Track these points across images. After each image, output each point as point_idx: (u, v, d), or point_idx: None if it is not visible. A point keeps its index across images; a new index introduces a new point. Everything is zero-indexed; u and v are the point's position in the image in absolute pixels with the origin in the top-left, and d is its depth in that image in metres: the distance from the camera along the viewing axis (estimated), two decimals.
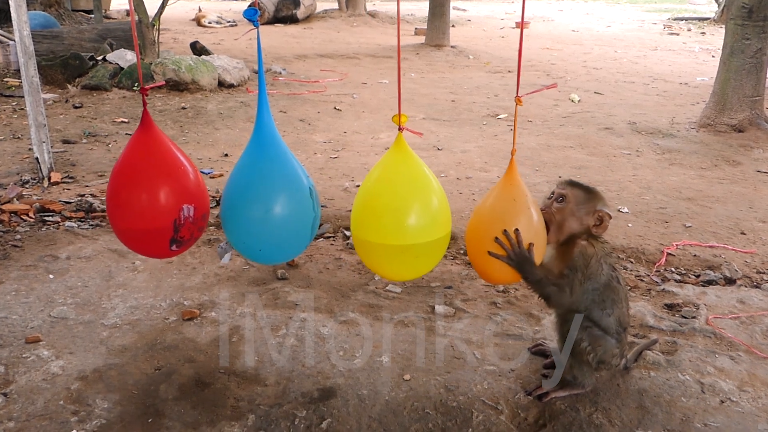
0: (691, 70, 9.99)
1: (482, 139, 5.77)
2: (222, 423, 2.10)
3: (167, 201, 2.02)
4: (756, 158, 5.36)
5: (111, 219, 2.10)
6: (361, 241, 2.06)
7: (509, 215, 2.00)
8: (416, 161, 2.04)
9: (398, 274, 2.18)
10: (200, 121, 6.14)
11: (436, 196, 2.02)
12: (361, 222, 2.05)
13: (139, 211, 2.01)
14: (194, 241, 2.18)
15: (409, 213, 1.96)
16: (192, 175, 2.10)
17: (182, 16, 15.27)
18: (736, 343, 2.61)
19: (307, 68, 9.22)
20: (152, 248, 2.12)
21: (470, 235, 2.12)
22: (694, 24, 16.44)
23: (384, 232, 1.97)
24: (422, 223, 1.97)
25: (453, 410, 2.17)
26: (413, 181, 2.01)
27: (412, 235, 1.96)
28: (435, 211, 2.01)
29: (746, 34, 5.81)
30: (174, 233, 2.05)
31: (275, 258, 2.20)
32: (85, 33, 8.64)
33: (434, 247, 2.03)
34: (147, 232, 2.03)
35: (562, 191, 2.15)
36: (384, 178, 2.02)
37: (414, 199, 1.99)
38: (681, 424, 2.13)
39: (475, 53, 11.09)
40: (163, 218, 2.02)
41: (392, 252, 1.99)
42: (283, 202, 2.02)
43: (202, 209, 2.12)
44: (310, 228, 2.11)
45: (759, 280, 3.22)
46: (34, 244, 3.34)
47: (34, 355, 2.42)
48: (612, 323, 2.16)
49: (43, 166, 4.29)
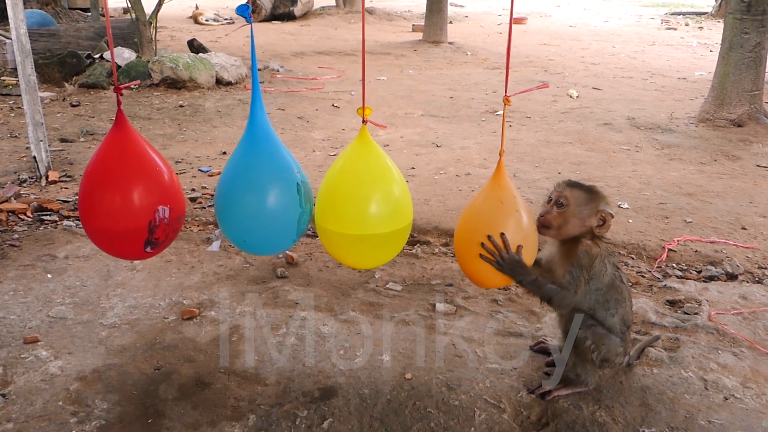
0: (689, 64, 9.98)
1: (481, 136, 5.75)
2: (222, 423, 2.09)
3: (142, 202, 1.99)
4: (755, 153, 5.35)
5: (83, 220, 2.06)
6: (324, 229, 2.10)
7: (496, 218, 1.98)
8: (379, 153, 2.07)
9: (359, 263, 2.22)
10: (198, 119, 6.11)
11: (398, 187, 2.05)
12: (324, 211, 2.08)
13: (113, 211, 1.98)
14: (169, 243, 2.15)
15: (369, 203, 1.99)
16: (167, 176, 2.07)
17: (179, 14, 15.21)
18: (739, 339, 2.59)
19: (305, 65, 9.19)
20: (126, 250, 2.09)
21: (459, 241, 2.10)
22: (691, 19, 16.42)
23: (345, 222, 2.01)
24: (383, 214, 2.00)
25: (455, 409, 2.16)
26: (375, 172, 2.03)
27: (373, 225, 1.99)
28: (396, 202, 2.03)
29: (745, 28, 5.79)
30: (149, 235, 2.02)
31: (260, 250, 2.24)
32: (82, 31, 8.59)
33: (394, 237, 2.06)
34: (121, 234, 2.00)
35: (562, 194, 2.08)
36: (346, 169, 2.05)
37: (375, 189, 2.01)
38: (685, 421, 2.12)
39: (473, 50, 11.07)
40: (137, 219, 1.99)
41: (353, 241, 2.03)
42: (267, 195, 2.03)
43: (177, 210, 2.09)
44: (296, 223, 2.11)
45: (761, 275, 3.21)
46: (31, 244, 3.32)
47: (33, 355, 2.40)
48: (616, 323, 2.14)
49: (40, 164, 4.26)
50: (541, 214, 2.10)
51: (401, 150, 5.24)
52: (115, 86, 2.05)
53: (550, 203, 2.11)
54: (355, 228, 2.00)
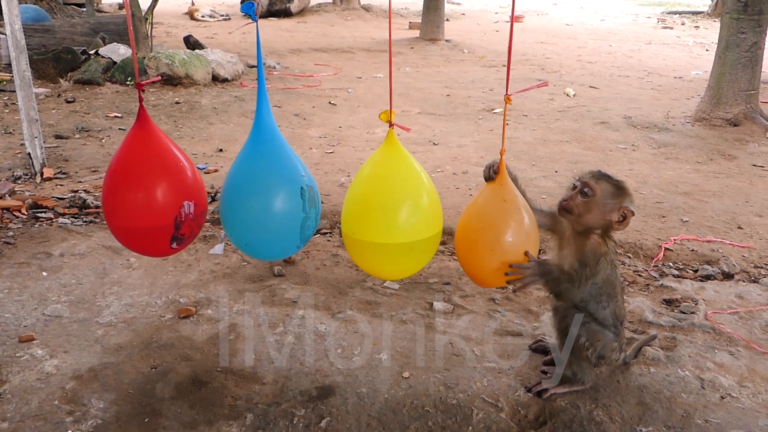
0: (686, 63, 9.99)
1: (478, 134, 5.74)
2: (220, 422, 2.08)
3: (168, 198, 2.00)
4: (751, 152, 5.36)
5: (108, 218, 2.06)
6: (353, 240, 2.04)
7: (501, 218, 1.98)
8: (407, 158, 2.03)
9: (391, 273, 2.16)
10: (194, 115, 6.09)
11: (428, 194, 2.01)
12: (353, 220, 2.03)
13: (139, 209, 1.98)
14: (193, 238, 2.16)
15: (399, 211, 1.95)
16: (190, 172, 2.08)
17: (175, 10, 15.15)
18: (736, 339, 2.60)
19: (302, 62, 9.16)
20: (152, 247, 2.10)
21: (461, 240, 2.08)
22: (687, 18, 16.44)
23: (375, 231, 1.96)
24: (413, 222, 1.95)
25: (453, 408, 2.16)
26: (405, 179, 1.99)
27: (404, 233, 1.95)
28: (426, 209, 1.99)
29: (741, 27, 5.79)
30: (175, 231, 2.03)
31: (262, 254, 2.21)
32: (78, 27, 8.54)
33: (427, 245, 2.02)
34: (148, 231, 2.01)
35: (588, 183, 2.08)
36: (375, 176, 2.01)
37: (405, 197, 1.97)
38: (682, 420, 2.12)
39: (470, 47, 11.05)
40: (164, 216, 2.00)
41: (384, 250, 1.97)
42: (270, 200, 2.01)
43: (201, 206, 2.11)
44: (299, 228, 2.07)
45: (757, 274, 3.22)
46: (26, 241, 3.30)
47: (28, 354, 2.39)
48: (608, 315, 2.15)
49: (35, 161, 4.24)
50: (564, 199, 2.09)
51: None
52: (137, 83, 2.05)
53: (575, 190, 2.09)
54: (387, 237, 1.94)
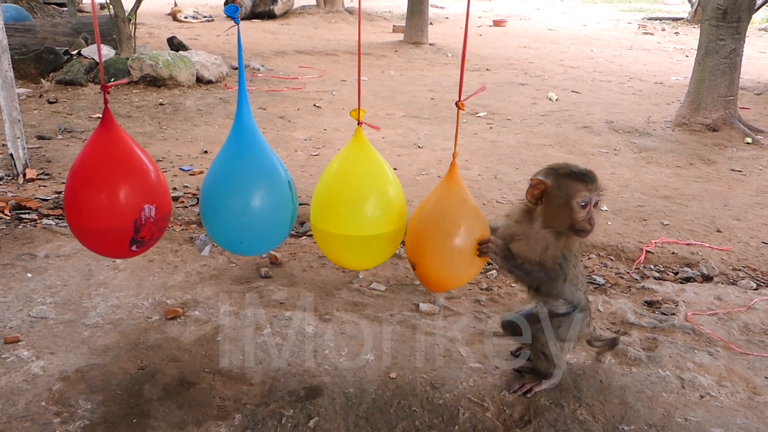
0: (666, 69, 10.15)
1: (462, 137, 5.79)
2: (208, 423, 2.09)
3: (128, 200, 1.98)
4: (730, 157, 5.47)
5: (69, 218, 2.05)
6: (319, 230, 2.12)
7: (463, 216, 2.01)
8: (374, 154, 2.10)
9: (355, 263, 2.22)
10: (178, 117, 6.07)
11: (393, 188, 2.08)
12: (320, 212, 2.10)
13: (98, 210, 1.97)
14: (155, 242, 2.15)
15: (365, 204, 2.02)
16: (153, 175, 2.07)
17: (157, 11, 15.06)
18: (714, 339, 2.66)
19: (286, 65, 9.16)
20: (111, 248, 2.08)
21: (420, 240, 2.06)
22: (667, 24, 16.70)
23: (342, 223, 2.04)
24: (378, 215, 2.03)
25: (439, 407, 2.18)
26: (370, 174, 2.06)
27: (368, 226, 2.02)
28: (391, 203, 2.06)
29: (721, 34, 5.91)
30: (134, 233, 2.02)
31: (256, 249, 2.23)
32: (59, 27, 8.46)
33: (390, 238, 2.09)
34: (106, 232, 2.00)
35: (598, 192, 2.10)
36: (342, 171, 2.08)
37: (371, 191, 2.04)
38: (662, 419, 2.17)
39: (454, 51, 11.13)
40: (123, 218, 1.99)
41: (348, 242, 2.05)
42: (262, 194, 2.04)
43: (163, 210, 2.10)
44: (289, 220, 2.15)
45: (735, 277, 3.29)
46: (10, 243, 3.28)
47: (14, 355, 2.38)
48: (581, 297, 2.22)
49: (17, 162, 4.21)
50: (590, 222, 2.04)
51: (383, 151, 5.26)
52: (102, 84, 2.04)
53: (594, 206, 2.06)
54: (352, 229, 2.02)
